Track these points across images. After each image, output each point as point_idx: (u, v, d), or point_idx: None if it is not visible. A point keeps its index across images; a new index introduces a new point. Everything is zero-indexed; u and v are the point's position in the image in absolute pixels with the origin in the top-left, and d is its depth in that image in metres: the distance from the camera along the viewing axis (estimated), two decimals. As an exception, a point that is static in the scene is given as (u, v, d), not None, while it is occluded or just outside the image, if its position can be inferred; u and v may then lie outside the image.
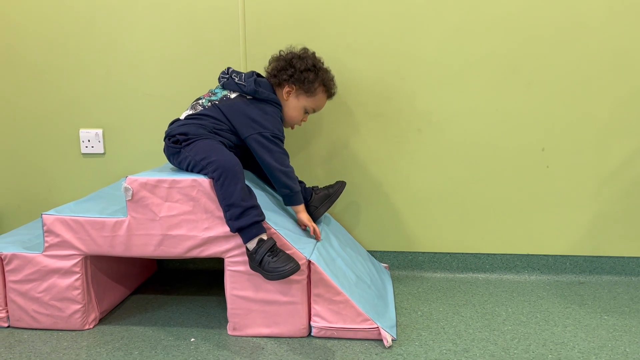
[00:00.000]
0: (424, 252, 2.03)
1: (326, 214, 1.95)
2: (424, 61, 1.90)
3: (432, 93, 1.92)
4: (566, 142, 1.91)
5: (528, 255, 2.00)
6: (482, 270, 2.02)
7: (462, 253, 2.03)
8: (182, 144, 1.56)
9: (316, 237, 1.65)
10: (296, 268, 1.41)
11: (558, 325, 1.60)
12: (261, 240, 1.45)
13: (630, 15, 1.80)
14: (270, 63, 1.72)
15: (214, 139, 1.57)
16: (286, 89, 1.67)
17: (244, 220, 1.44)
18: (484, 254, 2.02)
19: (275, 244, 1.46)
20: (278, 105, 1.66)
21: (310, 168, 2.01)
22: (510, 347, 1.47)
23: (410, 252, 2.04)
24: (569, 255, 1.98)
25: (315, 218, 1.74)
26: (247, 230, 1.45)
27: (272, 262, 1.42)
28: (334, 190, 1.79)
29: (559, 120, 1.89)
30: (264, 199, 1.65)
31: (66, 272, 1.57)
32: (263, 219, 1.46)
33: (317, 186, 1.80)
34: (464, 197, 1.98)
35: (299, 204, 1.65)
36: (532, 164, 1.93)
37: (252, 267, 1.48)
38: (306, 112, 1.71)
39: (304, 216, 1.66)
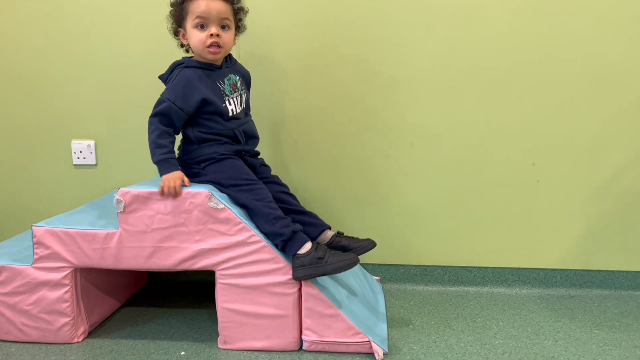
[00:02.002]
0: (415, 265, 2.04)
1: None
2: (415, 75, 1.92)
3: (424, 107, 1.93)
4: (556, 157, 1.93)
5: (519, 268, 2.01)
6: (474, 284, 2.02)
7: (454, 266, 2.03)
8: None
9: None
10: (357, 259, 1.50)
11: (549, 339, 1.61)
12: (315, 241, 1.53)
13: (618, 32, 1.83)
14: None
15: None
16: (180, 33, 1.62)
17: (295, 225, 1.51)
18: (475, 267, 2.02)
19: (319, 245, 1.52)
20: (177, 66, 1.60)
21: (302, 182, 2.02)
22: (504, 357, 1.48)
23: (402, 265, 2.04)
24: (559, 269, 1.99)
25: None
26: (299, 234, 1.50)
27: (333, 256, 1.46)
28: (360, 247, 1.61)
29: (549, 134, 1.91)
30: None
31: (55, 285, 1.55)
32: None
33: (342, 232, 1.67)
34: (455, 210, 1.99)
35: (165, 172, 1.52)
36: (522, 178, 1.95)
37: (302, 274, 1.47)
38: (201, 26, 1.53)
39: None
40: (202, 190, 1.49)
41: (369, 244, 1.62)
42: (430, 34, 1.89)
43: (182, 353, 1.54)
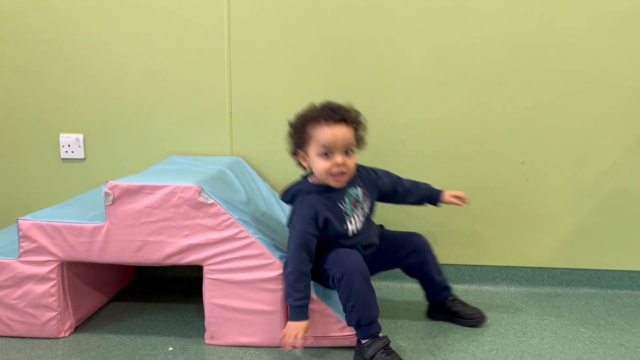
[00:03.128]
0: (404, 263, 2.04)
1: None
2: (406, 72, 1.92)
3: (415, 105, 1.94)
4: (546, 156, 1.94)
5: (507, 266, 2.02)
6: (462, 281, 2.03)
7: (442, 264, 2.03)
8: None
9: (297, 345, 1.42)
10: None
11: (535, 336, 1.62)
12: (376, 336, 1.44)
13: (612, 30, 1.84)
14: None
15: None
16: (300, 155, 1.55)
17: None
18: (463, 265, 2.03)
19: (389, 343, 1.44)
20: (298, 193, 1.55)
21: (290, 180, 2.01)
22: (488, 359, 1.48)
23: (391, 263, 2.04)
24: (547, 268, 2.01)
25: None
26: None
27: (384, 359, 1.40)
28: (470, 320, 1.68)
29: (539, 133, 1.92)
30: (248, 205, 1.64)
31: (42, 279, 1.54)
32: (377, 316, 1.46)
33: (456, 297, 1.72)
34: (443, 208, 1.99)
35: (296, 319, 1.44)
36: (512, 176, 1.96)
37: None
38: (325, 154, 1.47)
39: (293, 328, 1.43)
40: (191, 185, 1.48)
41: (480, 319, 1.68)
42: (422, 31, 1.90)
43: (170, 349, 1.53)
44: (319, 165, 1.48)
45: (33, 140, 2.06)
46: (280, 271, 1.49)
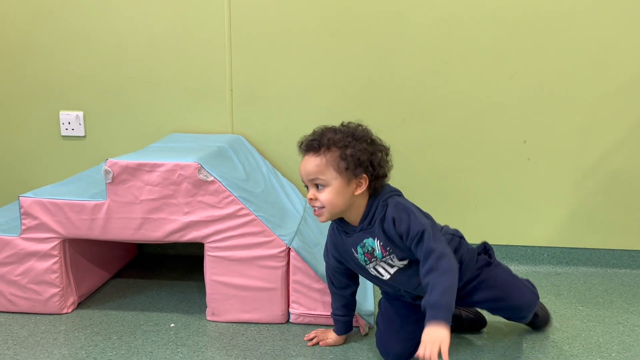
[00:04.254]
0: (404, 241, 2.04)
1: (303, 199, 1.95)
2: (409, 51, 1.90)
3: (417, 83, 1.92)
4: (548, 135, 1.93)
5: (507, 245, 2.02)
6: (462, 260, 2.04)
7: (443, 243, 2.04)
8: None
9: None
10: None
11: (534, 314, 1.63)
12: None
13: (615, 9, 1.82)
14: None
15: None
16: None
17: None
18: (463, 244, 2.03)
19: None
20: None
21: (289, 156, 2.00)
22: (485, 337, 1.50)
23: (391, 241, 2.05)
24: (546, 247, 2.01)
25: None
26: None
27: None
28: (470, 324, 1.53)
29: (541, 113, 1.91)
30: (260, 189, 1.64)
31: (44, 255, 1.55)
32: None
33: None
34: (445, 187, 2.00)
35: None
36: (513, 155, 1.95)
37: None
38: (306, 186, 1.29)
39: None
40: (191, 162, 1.48)
41: (480, 324, 1.54)
42: (426, 9, 1.87)
43: (172, 325, 1.55)
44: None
45: (33, 117, 2.05)
46: (281, 249, 1.50)
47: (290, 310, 1.55)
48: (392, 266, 1.29)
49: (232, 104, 1.99)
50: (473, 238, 2.03)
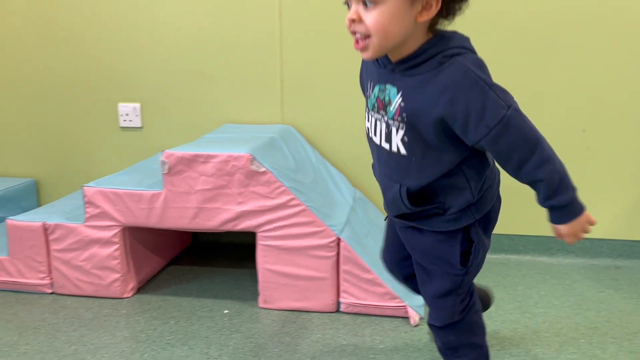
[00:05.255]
0: (456, 232, 2.02)
1: (357, 190, 1.95)
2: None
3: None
4: (608, 124, 1.84)
5: (563, 237, 1.96)
6: (515, 252, 1.99)
7: (495, 234, 1.98)
8: None
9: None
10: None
11: (591, 309, 1.58)
12: None
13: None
14: None
15: None
16: None
17: None
18: (517, 235, 1.99)
19: None
20: None
21: (336, 147, 2.01)
22: (541, 330, 1.46)
23: (442, 232, 2.03)
24: (606, 239, 1.94)
25: None
26: None
27: None
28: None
29: (601, 100, 1.83)
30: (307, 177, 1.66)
31: (106, 242, 1.63)
32: None
33: None
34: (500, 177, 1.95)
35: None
36: (571, 145, 1.88)
37: None
38: (346, 2, 0.97)
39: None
40: (244, 154, 1.51)
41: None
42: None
43: (225, 311, 1.60)
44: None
45: (94, 110, 2.14)
46: (331, 239, 1.51)
47: (341, 299, 1.56)
48: (389, 137, 0.97)
49: (283, 95, 2.01)
50: (528, 229, 1.99)
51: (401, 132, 0.94)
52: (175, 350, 1.39)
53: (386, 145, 0.98)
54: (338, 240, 1.52)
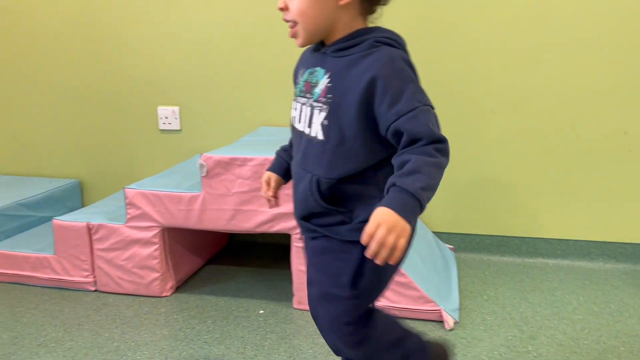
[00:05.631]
0: (491, 235, 2.00)
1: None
2: (499, 39, 1.84)
3: (507, 73, 1.85)
4: (652, 125, 1.79)
5: (604, 242, 1.91)
6: (553, 256, 1.96)
7: (532, 237, 1.97)
8: None
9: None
10: None
11: (633, 316, 1.54)
12: None
13: None
14: None
15: None
16: None
17: None
18: (555, 239, 1.95)
19: None
20: None
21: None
22: (580, 338, 1.44)
23: (477, 235, 2.01)
24: (649, 244, 1.89)
25: None
26: None
27: None
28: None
29: (645, 101, 1.78)
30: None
31: (146, 243, 1.68)
32: None
33: None
34: (537, 180, 1.92)
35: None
36: (613, 147, 1.83)
37: None
38: None
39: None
40: (279, 157, 1.53)
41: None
42: (516, -6, 1.79)
43: (261, 312, 1.62)
44: None
45: (134, 113, 2.21)
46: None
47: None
48: (311, 120, 0.96)
49: (318, 97, 2.02)
50: (568, 232, 1.95)
51: (323, 114, 0.94)
52: (212, 349, 1.43)
53: (307, 131, 0.97)
54: (372, 243, 1.53)
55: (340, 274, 0.96)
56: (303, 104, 0.98)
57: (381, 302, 1.55)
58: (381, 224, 0.81)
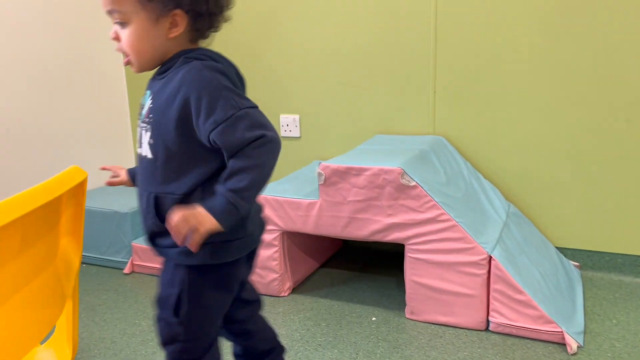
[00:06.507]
0: (624, 254, 1.84)
1: (511, 204, 1.88)
2: (633, 45, 1.69)
3: (645, 78, 1.71)
4: None
5: None
6: (637, 274, 1.76)
7: (613, 253, 1.80)
8: None
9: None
10: None
11: None
12: None
13: None
14: None
15: None
16: None
17: None
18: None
19: None
20: None
21: (496, 163, 1.95)
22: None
23: (607, 253, 1.87)
24: None
25: None
26: None
27: None
28: None
29: None
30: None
31: (267, 245, 1.78)
32: None
33: None
34: (617, 188, 1.74)
35: None
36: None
37: None
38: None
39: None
40: (394, 167, 1.55)
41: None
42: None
43: (373, 319, 1.66)
44: None
45: (259, 120, 2.34)
46: (482, 256, 1.48)
47: (490, 318, 1.53)
48: (142, 141, 0.98)
49: (435, 105, 2.01)
50: None
51: (149, 134, 0.96)
52: (326, 352, 1.49)
53: (141, 152, 0.99)
54: (489, 258, 1.49)
55: (167, 297, 0.99)
56: (139, 127, 1.00)
57: (498, 319, 1.51)
58: (184, 212, 0.86)
